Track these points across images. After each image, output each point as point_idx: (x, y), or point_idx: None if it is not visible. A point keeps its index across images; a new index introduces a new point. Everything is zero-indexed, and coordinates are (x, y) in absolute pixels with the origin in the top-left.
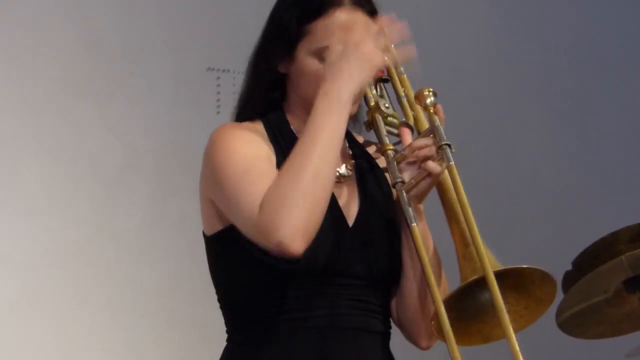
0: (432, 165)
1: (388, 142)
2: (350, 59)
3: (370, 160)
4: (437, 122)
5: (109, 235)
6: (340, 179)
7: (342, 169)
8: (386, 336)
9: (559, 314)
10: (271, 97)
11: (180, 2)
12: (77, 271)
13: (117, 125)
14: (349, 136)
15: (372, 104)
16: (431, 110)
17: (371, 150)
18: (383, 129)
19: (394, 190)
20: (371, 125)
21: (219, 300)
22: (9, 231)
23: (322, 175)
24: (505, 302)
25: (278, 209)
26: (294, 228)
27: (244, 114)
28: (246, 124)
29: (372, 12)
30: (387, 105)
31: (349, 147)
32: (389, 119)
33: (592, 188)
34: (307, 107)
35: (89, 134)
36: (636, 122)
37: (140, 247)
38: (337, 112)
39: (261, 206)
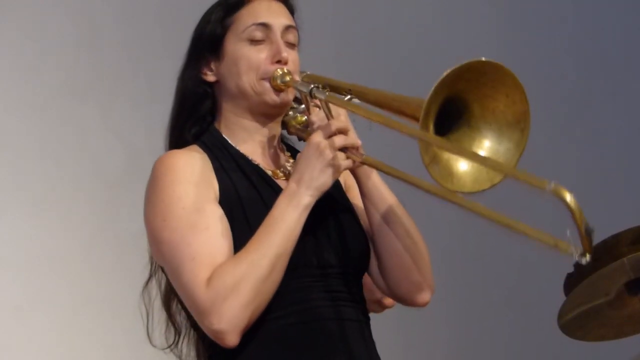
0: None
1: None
2: (316, 166)
3: None
4: (295, 86)
5: (110, 237)
6: (287, 176)
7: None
8: (362, 324)
9: (560, 316)
10: (200, 112)
11: (182, 4)
12: (79, 273)
13: (119, 127)
14: (288, 146)
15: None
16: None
17: None
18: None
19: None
20: (298, 135)
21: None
22: (11, 233)
23: (275, 274)
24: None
25: (228, 297)
26: (237, 324)
27: (175, 134)
28: (186, 152)
29: (291, 10)
30: (291, 114)
31: (288, 150)
32: (298, 119)
33: (593, 190)
34: (243, 107)
35: (91, 137)
36: (637, 124)
37: (142, 250)
38: (298, 214)
39: (210, 283)
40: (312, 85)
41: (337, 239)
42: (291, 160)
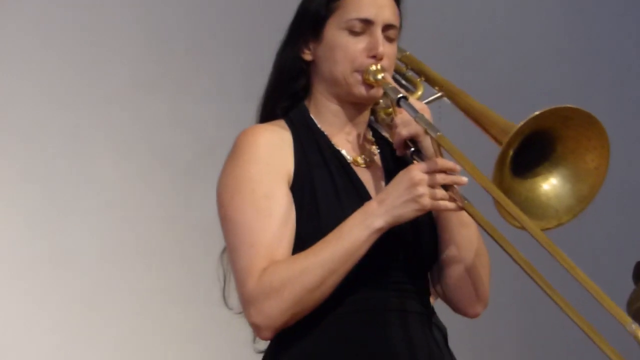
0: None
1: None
2: (402, 195)
3: (394, 153)
4: (384, 87)
5: (181, 230)
6: (368, 164)
7: (359, 158)
8: (423, 316)
9: (630, 304)
10: (294, 88)
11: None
12: (149, 266)
13: (188, 120)
14: (374, 131)
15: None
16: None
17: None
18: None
19: None
20: (384, 125)
21: None
22: (82, 227)
23: (324, 287)
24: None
25: (270, 296)
26: (271, 324)
27: (267, 107)
28: (270, 129)
29: (397, 0)
30: (382, 102)
31: (373, 136)
32: (388, 110)
33: None
34: (333, 93)
35: (160, 130)
36: None
37: (213, 241)
38: (366, 235)
39: (261, 277)
40: (400, 95)
41: (407, 230)
42: (375, 147)
